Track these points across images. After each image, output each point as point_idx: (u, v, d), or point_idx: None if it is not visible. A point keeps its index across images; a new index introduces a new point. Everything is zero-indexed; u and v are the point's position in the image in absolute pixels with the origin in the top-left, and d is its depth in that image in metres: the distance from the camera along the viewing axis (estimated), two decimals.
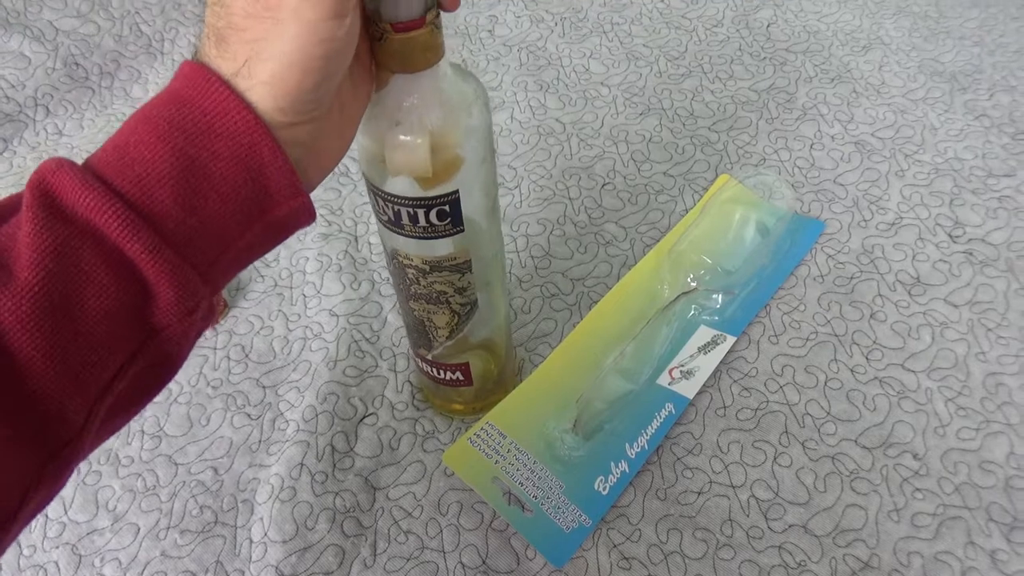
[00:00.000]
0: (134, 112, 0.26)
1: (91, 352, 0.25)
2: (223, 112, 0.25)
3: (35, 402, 0.24)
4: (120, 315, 0.25)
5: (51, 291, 0.23)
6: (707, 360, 0.48)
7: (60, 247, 0.24)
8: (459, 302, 0.39)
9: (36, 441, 0.24)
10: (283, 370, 0.51)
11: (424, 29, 0.29)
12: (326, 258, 0.57)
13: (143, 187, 0.24)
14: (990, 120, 0.64)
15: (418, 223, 0.34)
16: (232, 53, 0.25)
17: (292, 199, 0.27)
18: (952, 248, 0.55)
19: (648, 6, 0.79)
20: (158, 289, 0.25)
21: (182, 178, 0.25)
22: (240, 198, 0.26)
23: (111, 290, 0.24)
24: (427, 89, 0.31)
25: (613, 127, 0.66)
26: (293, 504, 0.44)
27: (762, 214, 0.55)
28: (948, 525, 0.42)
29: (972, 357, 0.49)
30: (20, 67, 0.70)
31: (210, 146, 0.25)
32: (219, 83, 0.25)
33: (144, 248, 0.24)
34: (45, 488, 0.25)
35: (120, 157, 0.25)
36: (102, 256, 0.24)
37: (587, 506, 0.42)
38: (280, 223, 0.28)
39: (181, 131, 0.25)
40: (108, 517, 0.45)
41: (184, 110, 0.25)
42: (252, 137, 0.25)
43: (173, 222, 0.25)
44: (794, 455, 0.45)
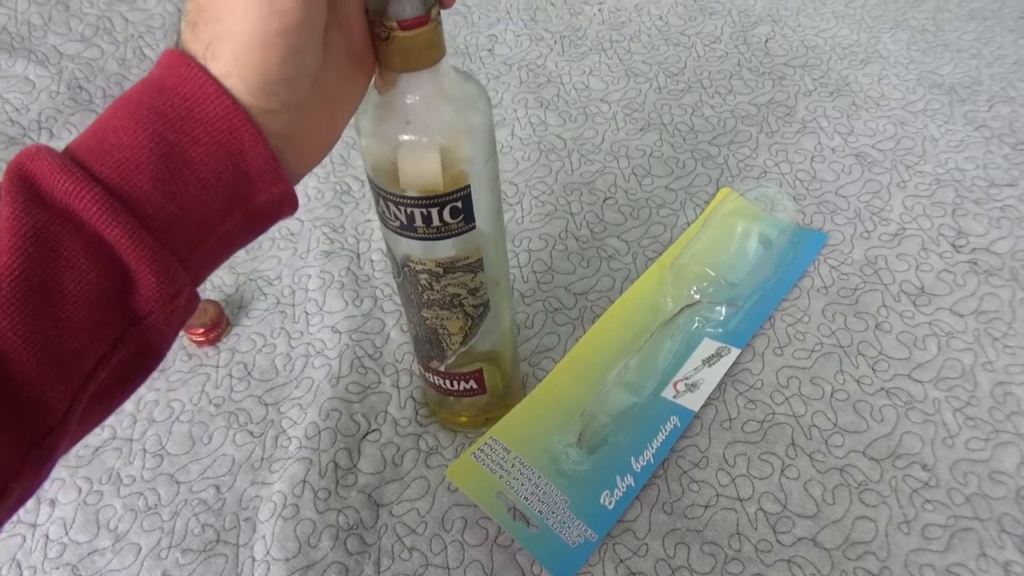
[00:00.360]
0: (115, 100, 0.26)
1: (72, 338, 0.24)
2: (202, 98, 0.25)
3: (16, 389, 0.24)
4: (101, 301, 0.25)
5: (31, 276, 0.23)
6: (712, 373, 0.48)
7: (39, 232, 0.23)
8: (472, 304, 0.39)
9: (17, 429, 0.24)
10: (285, 387, 0.51)
11: (429, 25, 0.29)
12: (328, 275, 0.57)
13: (122, 172, 0.24)
14: (990, 131, 0.64)
15: (431, 223, 0.34)
16: (200, 37, 0.25)
17: (273, 185, 0.27)
18: (956, 258, 0.55)
19: (647, 23, 0.80)
20: (139, 275, 0.25)
21: (161, 163, 0.25)
22: (220, 184, 0.26)
23: (91, 275, 0.24)
24: (434, 86, 0.31)
25: (614, 142, 0.66)
26: (296, 522, 0.43)
27: (764, 226, 0.55)
28: (960, 537, 0.41)
29: (979, 367, 0.48)
30: (25, 91, 0.71)
31: (190, 131, 0.25)
32: (198, 69, 0.25)
33: (124, 233, 0.24)
34: (27, 478, 0.25)
35: (99, 143, 0.25)
36: (82, 241, 0.24)
37: (593, 521, 0.42)
38: (261, 210, 0.28)
39: (160, 117, 0.25)
40: (109, 537, 0.44)
41: (163, 96, 0.25)
42: (232, 123, 0.25)
43: (153, 207, 0.25)
44: (802, 467, 0.44)
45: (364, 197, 0.63)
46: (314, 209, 0.62)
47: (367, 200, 0.63)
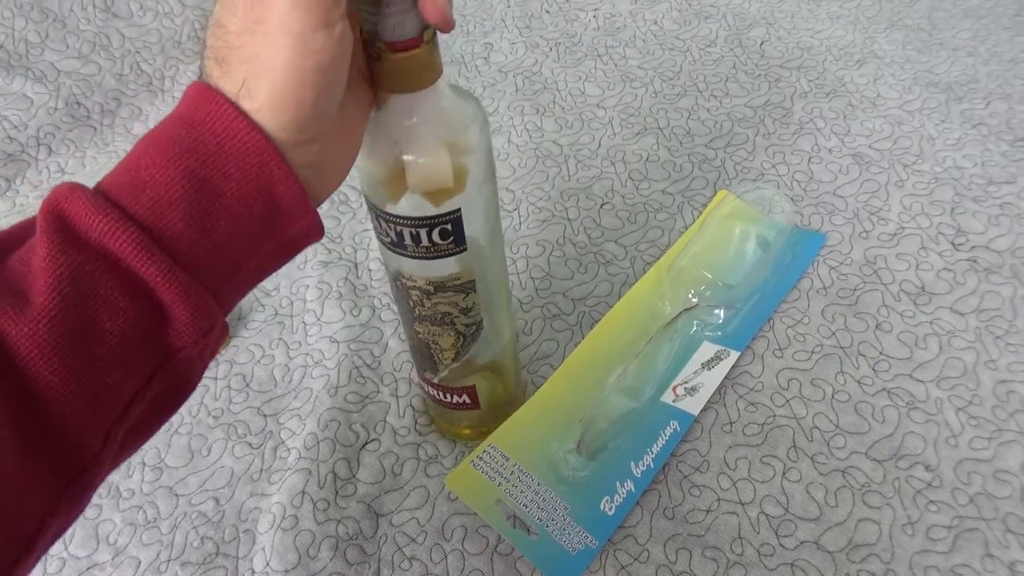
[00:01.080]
0: (144, 135, 0.26)
1: (108, 376, 0.25)
2: (232, 133, 0.25)
3: (53, 428, 0.24)
4: (136, 338, 0.25)
5: (68, 316, 0.24)
6: (711, 376, 0.48)
7: (75, 272, 0.24)
8: (464, 323, 0.38)
9: (55, 467, 0.24)
10: (284, 398, 0.50)
11: (421, 49, 0.28)
12: (326, 285, 0.57)
13: (156, 211, 0.24)
14: (988, 128, 0.64)
15: (420, 243, 0.34)
16: (231, 74, 0.25)
17: (302, 218, 0.27)
18: (956, 256, 0.54)
19: (642, 28, 0.80)
20: (173, 312, 0.25)
21: (194, 200, 0.25)
22: (251, 218, 0.26)
23: (127, 313, 0.25)
24: (427, 108, 0.31)
25: (610, 147, 0.66)
26: (295, 533, 0.43)
27: (762, 228, 0.55)
28: (964, 537, 0.41)
29: (981, 365, 0.48)
30: (22, 108, 0.71)
31: (221, 167, 0.25)
32: (227, 104, 0.25)
33: (159, 272, 0.24)
34: (63, 514, 0.25)
35: (132, 181, 0.25)
36: (117, 280, 0.24)
37: (593, 527, 0.42)
38: (290, 241, 0.28)
39: (192, 153, 0.25)
40: (109, 551, 0.44)
41: (194, 132, 0.25)
42: (262, 157, 0.25)
43: (186, 244, 0.25)
44: (803, 470, 0.44)
45: (361, 207, 0.63)
46: None
47: (364, 210, 0.63)
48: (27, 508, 0.24)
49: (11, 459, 0.23)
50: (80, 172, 0.70)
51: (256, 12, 0.24)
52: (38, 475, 0.24)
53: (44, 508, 0.25)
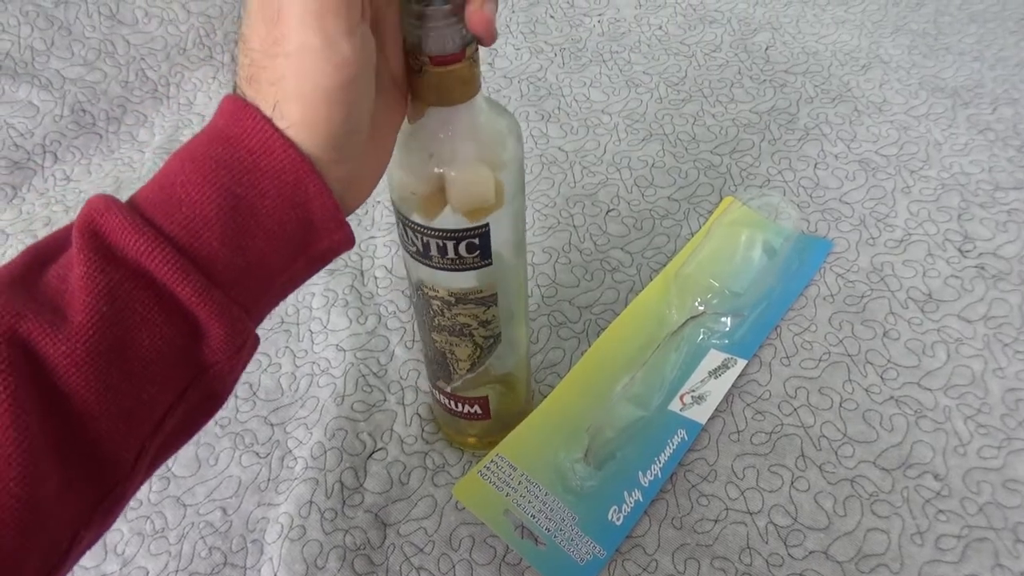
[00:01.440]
0: (178, 149, 0.26)
1: (143, 392, 0.25)
2: (268, 150, 0.25)
3: (89, 443, 0.24)
4: (172, 355, 0.25)
5: (105, 334, 0.24)
6: (718, 384, 0.48)
7: (113, 290, 0.24)
8: (482, 335, 0.38)
9: (89, 482, 0.25)
10: (291, 407, 0.50)
11: (463, 63, 0.29)
12: (332, 293, 0.57)
13: (191, 230, 0.25)
14: (994, 134, 0.64)
15: (447, 255, 0.34)
16: (263, 95, 0.25)
17: (336, 232, 0.28)
18: (963, 263, 0.54)
19: (646, 33, 0.80)
20: (208, 329, 0.25)
21: (229, 218, 0.25)
22: (286, 234, 0.26)
23: (163, 331, 0.25)
24: (463, 123, 0.31)
25: (615, 154, 0.66)
26: (303, 543, 0.43)
27: (768, 235, 0.55)
28: (974, 547, 0.40)
29: (990, 373, 0.48)
30: (28, 115, 0.71)
31: (256, 184, 0.25)
32: (262, 120, 0.25)
33: (194, 292, 0.24)
34: (96, 527, 0.26)
35: (167, 198, 0.25)
36: (154, 299, 0.24)
37: (601, 537, 0.41)
38: (321, 255, 0.28)
39: (227, 169, 0.25)
40: (117, 561, 0.44)
41: (229, 148, 0.25)
42: (298, 174, 0.25)
43: (221, 263, 0.25)
44: (812, 479, 0.44)
45: (367, 214, 0.63)
46: None
47: (370, 217, 0.63)
48: (64, 521, 0.24)
49: (55, 477, 0.23)
50: (86, 179, 0.70)
51: (275, 31, 0.24)
52: (75, 489, 0.24)
53: (79, 521, 0.25)
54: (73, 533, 0.25)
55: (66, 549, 0.25)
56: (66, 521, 0.24)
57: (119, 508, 0.27)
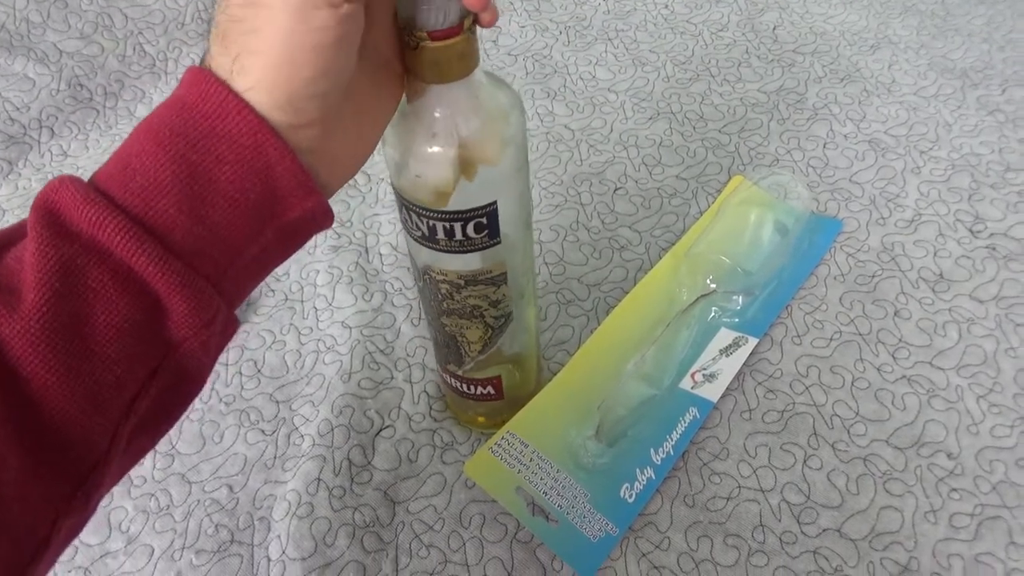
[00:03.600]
0: (139, 123, 0.25)
1: (107, 371, 0.24)
2: (224, 114, 0.24)
3: (55, 428, 0.23)
4: (133, 332, 0.24)
5: (59, 311, 0.23)
6: (730, 363, 0.47)
7: (65, 265, 0.23)
8: (493, 315, 0.38)
9: (61, 467, 0.24)
10: (297, 384, 0.50)
11: (460, 37, 0.28)
12: (337, 270, 0.56)
13: (146, 198, 0.23)
14: (1004, 115, 0.63)
15: (454, 237, 0.33)
16: (229, 46, 0.24)
17: (304, 199, 0.26)
18: (974, 243, 0.54)
19: (652, 12, 0.79)
20: (170, 302, 0.24)
21: (186, 186, 0.24)
22: (249, 202, 0.25)
23: (121, 306, 0.24)
24: (463, 99, 0.30)
25: (623, 132, 0.66)
26: (311, 520, 0.43)
27: (779, 214, 0.54)
28: (988, 525, 0.40)
29: (1002, 353, 0.47)
30: (24, 89, 0.70)
31: (213, 150, 0.24)
32: (218, 84, 0.24)
33: (151, 261, 0.23)
34: (75, 514, 0.25)
35: (123, 169, 0.24)
36: (109, 272, 0.23)
37: (613, 514, 0.41)
38: (294, 226, 0.27)
39: (183, 137, 0.24)
40: (121, 539, 0.43)
41: (184, 115, 0.24)
42: (256, 138, 0.24)
43: (180, 232, 0.24)
44: (824, 457, 0.44)
45: (371, 191, 0.62)
46: None
47: (374, 194, 0.62)
48: (38, 511, 0.23)
49: (14, 462, 0.22)
50: (83, 155, 0.68)
51: None
52: (45, 477, 0.23)
53: (55, 510, 0.24)
54: (51, 521, 0.24)
55: (45, 539, 0.24)
56: (41, 510, 0.23)
57: (98, 494, 0.26)
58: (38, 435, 0.23)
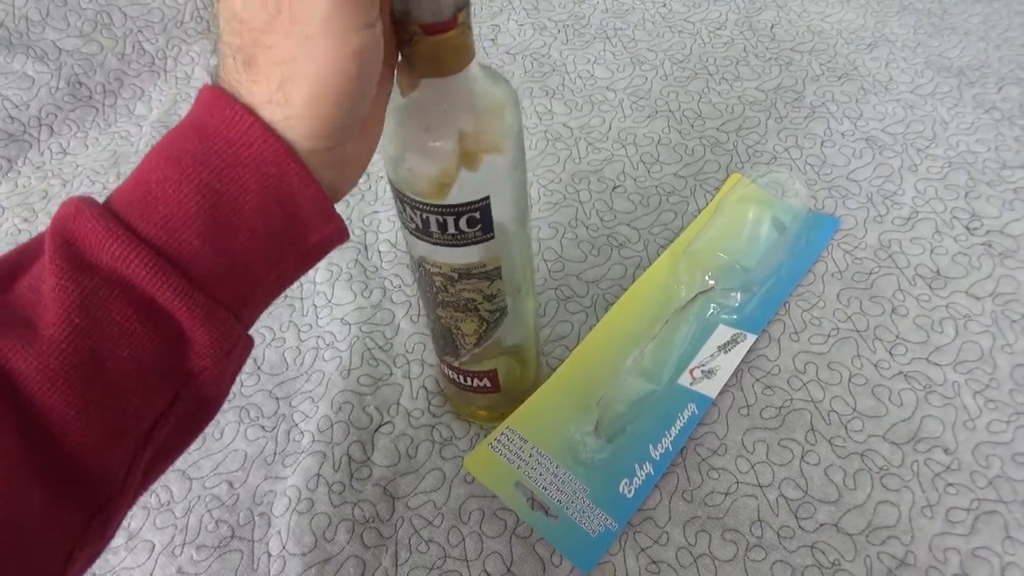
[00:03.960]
0: (155, 145, 0.25)
1: (127, 404, 0.24)
2: (248, 142, 0.23)
3: (73, 460, 0.23)
4: (155, 364, 0.24)
5: (80, 346, 0.23)
6: (728, 359, 0.48)
7: (87, 299, 0.23)
8: (488, 309, 0.38)
9: (79, 500, 0.24)
10: (296, 381, 0.50)
11: (456, 30, 0.27)
12: (336, 267, 0.56)
13: (170, 230, 0.23)
14: (1000, 113, 0.64)
15: (447, 230, 0.33)
16: (264, 76, 0.23)
17: (325, 225, 0.26)
18: (970, 240, 0.54)
19: (650, 10, 0.79)
20: (193, 334, 0.24)
21: (210, 217, 0.23)
22: (271, 231, 0.25)
23: (143, 340, 0.23)
24: (458, 93, 0.30)
25: (621, 130, 0.66)
26: (311, 516, 0.43)
27: (776, 212, 0.54)
28: (984, 520, 0.41)
29: (998, 349, 0.48)
30: (24, 87, 0.70)
31: (237, 179, 0.24)
32: (242, 111, 0.23)
33: (176, 295, 0.23)
34: (91, 545, 0.25)
35: (143, 197, 0.23)
36: (132, 306, 0.23)
37: (612, 510, 0.41)
38: (312, 250, 0.27)
39: (205, 166, 0.23)
40: (122, 535, 0.43)
41: (207, 142, 0.24)
42: (280, 167, 0.24)
43: (203, 264, 0.24)
44: (822, 453, 0.44)
45: (370, 189, 0.63)
46: None
47: (373, 192, 0.62)
48: (53, 543, 0.23)
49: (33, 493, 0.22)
50: (82, 153, 0.69)
51: (290, 9, 0.22)
52: (62, 509, 0.23)
53: (71, 542, 0.24)
54: (66, 553, 0.24)
55: (60, 570, 0.24)
56: (56, 542, 0.23)
57: (114, 525, 0.25)
58: (56, 469, 0.23)
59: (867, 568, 0.39)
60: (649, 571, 0.40)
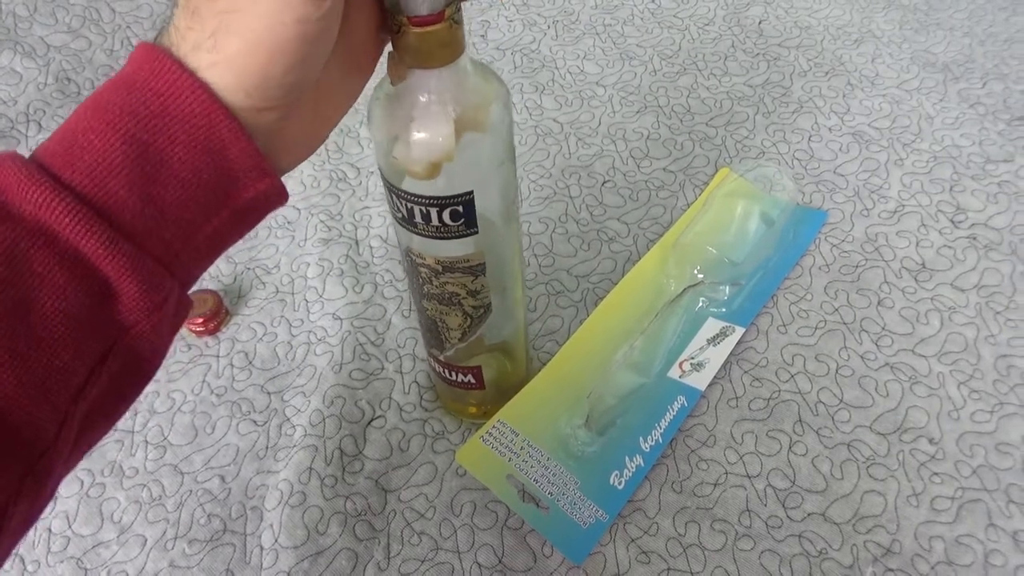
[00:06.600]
0: (84, 100, 0.24)
1: (55, 357, 0.23)
2: (177, 93, 0.23)
3: (1, 415, 0.23)
4: (82, 316, 0.23)
5: (3, 297, 0.22)
6: (717, 352, 0.48)
7: (8, 250, 0.22)
8: (472, 305, 0.38)
9: (8, 454, 0.23)
10: (288, 375, 0.50)
11: (442, 24, 0.28)
12: (327, 263, 0.56)
13: (95, 178, 0.23)
14: (985, 108, 0.64)
15: (431, 222, 0.33)
16: (201, 23, 0.23)
17: (258, 181, 0.26)
18: (955, 234, 0.55)
19: (639, 7, 0.80)
20: (119, 285, 0.23)
21: (136, 166, 0.23)
22: (201, 183, 0.24)
23: (68, 291, 0.23)
24: (444, 86, 0.30)
25: (610, 125, 0.66)
26: (303, 509, 0.43)
27: (764, 206, 0.55)
28: (968, 508, 0.41)
29: (982, 340, 0.48)
30: (11, 83, 0.69)
31: (165, 130, 0.23)
32: (172, 63, 0.23)
33: (100, 243, 0.23)
34: (26, 502, 0.24)
35: (69, 147, 0.23)
36: (55, 256, 0.23)
37: (603, 501, 0.42)
38: (248, 207, 0.26)
39: (133, 116, 0.23)
40: (114, 529, 0.44)
41: (136, 93, 0.23)
42: (210, 119, 0.23)
43: (130, 213, 0.23)
44: (809, 443, 0.44)
45: (360, 184, 0.63)
46: (310, 197, 0.61)
47: (364, 187, 0.62)
48: None
49: None
50: None
51: None
52: None
53: (3, 496, 0.23)
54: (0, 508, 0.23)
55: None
56: None
57: (50, 483, 0.25)
58: None
59: (854, 556, 0.40)
60: (639, 561, 0.40)
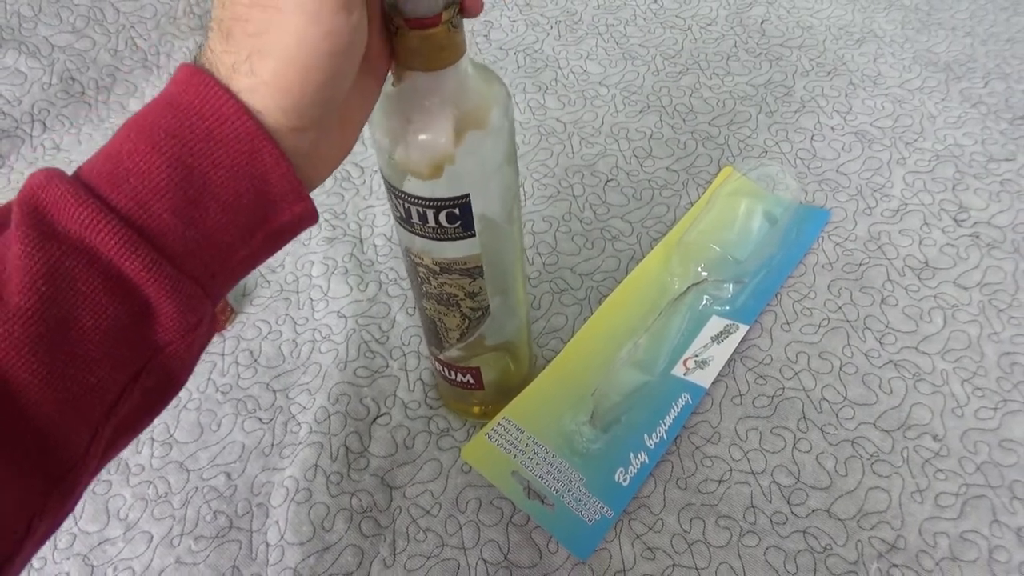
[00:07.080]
0: (127, 120, 0.25)
1: (91, 374, 0.24)
2: (222, 119, 0.24)
3: (35, 429, 0.23)
4: (120, 335, 0.24)
5: (45, 315, 0.22)
6: (721, 349, 0.48)
7: (53, 268, 0.22)
8: (470, 306, 0.38)
9: (39, 468, 0.23)
10: (293, 373, 0.50)
11: (440, 27, 0.28)
12: (332, 261, 0.56)
13: (139, 201, 0.23)
14: (987, 107, 0.64)
15: (428, 223, 0.33)
16: (235, 47, 0.23)
17: (294, 204, 0.26)
18: (958, 232, 0.55)
19: (642, 6, 0.80)
20: (159, 307, 0.24)
21: (180, 189, 0.23)
22: (241, 207, 0.25)
23: (109, 311, 0.23)
24: (444, 88, 0.30)
25: (613, 125, 0.66)
26: (309, 506, 0.43)
27: (768, 205, 0.55)
28: (972, 504, 0.41)
29: (985, 338, 0.49)
30: (16, 83, 0.70)
31: (209, 155, 0.24)
32: (217, 87, 0.24)
33: (143, 266, 0.23)
34: (51, 515, 0.24)
35: (114, 169, 0.23)
36: (98, 276, 0.23)
37: (608, 498, 0.42)
38: (282, 229, 0.27)
39: (178, 140, 0.23)
40: (120, 526, 0.44)
41: (181, 117, 0.24)
42: (253, 144, 0.24)
43: (172, 236, 0.24)
44: (813, 440, 0.45)
45: (364, 184, 0.63)
46: (315, 196, 0.61)
47: (368, 186, 0.63)
48: (11, 511, 0.23)
49: None
50: (75, 149, 0.69)
51: None
52: (22, 476, 0.23)
53: (30, 511, 0.24)
54: (27, 521, 0.24)
55: (19, 539, 0.24)
56: (16, 509, 0.23)
57: (75, 495, 0.25)
58: (17, 437, 0.23)
59: (858, 552, 0.40)
60: (644, 557, 0.41)
